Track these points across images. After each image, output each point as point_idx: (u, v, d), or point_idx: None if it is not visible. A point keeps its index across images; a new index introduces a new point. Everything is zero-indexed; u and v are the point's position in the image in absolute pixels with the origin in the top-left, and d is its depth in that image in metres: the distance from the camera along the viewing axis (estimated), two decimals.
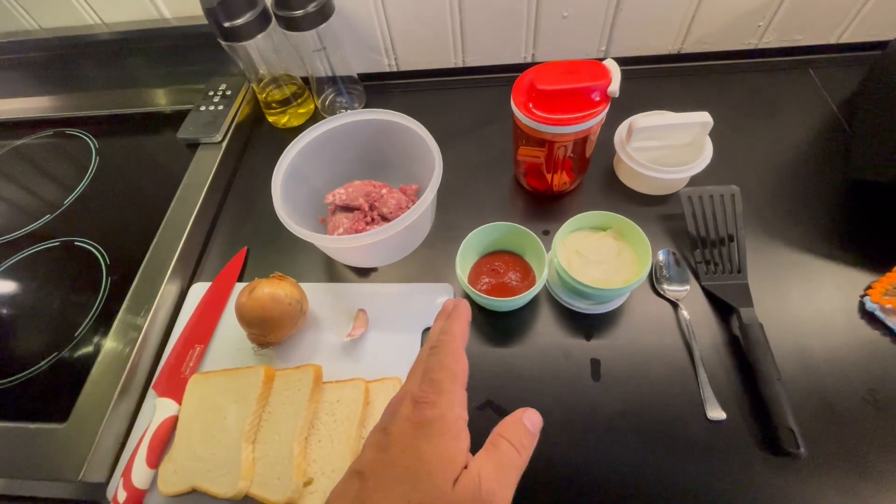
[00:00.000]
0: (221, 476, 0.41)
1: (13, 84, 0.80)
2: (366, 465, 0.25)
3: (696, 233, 0.50)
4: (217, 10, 0.54)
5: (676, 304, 0.48)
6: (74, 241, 0.60)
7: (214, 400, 0.45)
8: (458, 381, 0.27)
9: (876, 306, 0.45)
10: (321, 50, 0.63)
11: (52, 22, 0.74)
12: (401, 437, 0.25)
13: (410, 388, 0.27)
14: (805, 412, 0.41)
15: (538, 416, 0.28)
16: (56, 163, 0.71)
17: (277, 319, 0.46)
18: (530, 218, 0.57)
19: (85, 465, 0.43)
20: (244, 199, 0.64)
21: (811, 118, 0.61)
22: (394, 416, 0.26)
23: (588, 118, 0.45)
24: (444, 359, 0.28)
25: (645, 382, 0.44)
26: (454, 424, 0.25)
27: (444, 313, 0.33)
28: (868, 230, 0.51)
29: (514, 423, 0.27)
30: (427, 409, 0.25)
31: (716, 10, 0.62)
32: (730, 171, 0.56)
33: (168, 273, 0.53)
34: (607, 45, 0.67)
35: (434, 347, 0.29)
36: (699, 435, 0.41)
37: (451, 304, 0.33)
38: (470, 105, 0.69)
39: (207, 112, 0.67)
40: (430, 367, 0.27)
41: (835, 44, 0.65)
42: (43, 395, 0.48)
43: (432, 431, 0.25)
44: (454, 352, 0.28)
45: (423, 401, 0.26)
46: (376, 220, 0.53)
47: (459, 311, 0.31)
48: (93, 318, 0.53)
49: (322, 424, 0.43)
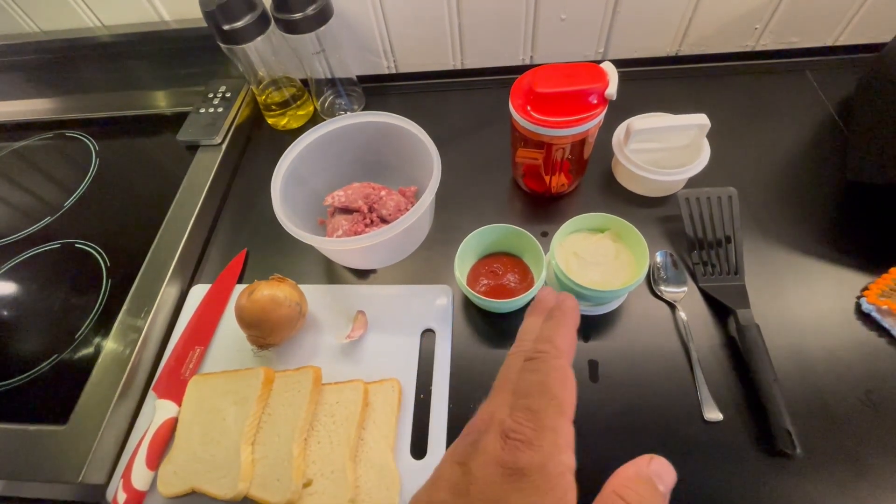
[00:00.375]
0: (221, 477, 0.41)
1: (13, 86, 0.80)
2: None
3: (693, 234, 0.50)
4: (216, 13, 0.55)
5: (674, 305, 0.48)
6: (75, 243, 0.60)
7: (214, 401, 0.45)
8: (566, 414, 0.21)
9: (872, 307, 0.45)
10: (320, 52, 0.63)
11: (51, 24, 0.74)
12: (487, 485, 0.19)
13: (497, 413, 0.21)
14: (801, 413, 0.41)
15: (670, 469, 0.20)
16: (56, 165, 0.71)
17: (277, 321, 0.46)
18: (529, 220, 0.57)
19: (85, 467, 0.43)
20: (244, 201, 0.64)
21: (808, 120, 0.61)
22: (476, 449, 0.20)
23: (586, 121, 0.46)
24: (547, 379, 0.21)
25: (642, 383, 0.45)
26: (559, 480, 0.19)
27: (540, 308, 0.26)
28: (865, 232, 0.51)
29: (637, 478, 0.20)
30: (523, 451, 0.19)
31: (713, 13, 0.62)
32: (727, 172, 0.57)
33: (168, 275, 0.54)
34: (605, 47, 0.67)
35: (532, 360, 0.22)
36: (696, 436, 0.42)
37: (550, 298, 0.26)
38: (468, 107, 0.69)
39: (207, 114, 0.67)
40: (526, 389, 0.21)
41: (832, 46, 0.66)
42: (43, 397, 0.49)
43: (529, 487, 0.18)
44: (559, 371, 0.22)
45: (518, 438, 0.20)
46: (375, 222, 0.53)
47: (565, 311, 0.24)
48: (93, 320, 0.53)
49: (321, 426, 0.43)
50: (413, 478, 0.41)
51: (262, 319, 0.45)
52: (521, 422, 0.20)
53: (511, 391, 0.22)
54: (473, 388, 0.46)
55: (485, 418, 0.22)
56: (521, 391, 0.21)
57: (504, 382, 0.23)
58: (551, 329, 0.24)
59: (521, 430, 0.20)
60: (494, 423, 0.21)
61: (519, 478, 0.19)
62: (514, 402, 0.21)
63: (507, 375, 0.23)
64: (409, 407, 0.45)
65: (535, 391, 0.21)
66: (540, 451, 0.19)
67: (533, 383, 0.21)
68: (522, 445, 0.19)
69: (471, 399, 0.45)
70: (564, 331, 0.23)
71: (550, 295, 0.26)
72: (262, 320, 0.45)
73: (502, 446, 0.20)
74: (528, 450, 0.19)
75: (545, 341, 0.23)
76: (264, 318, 0.45)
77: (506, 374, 0.23)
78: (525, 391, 0.21)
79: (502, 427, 0.20)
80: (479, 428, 0.21)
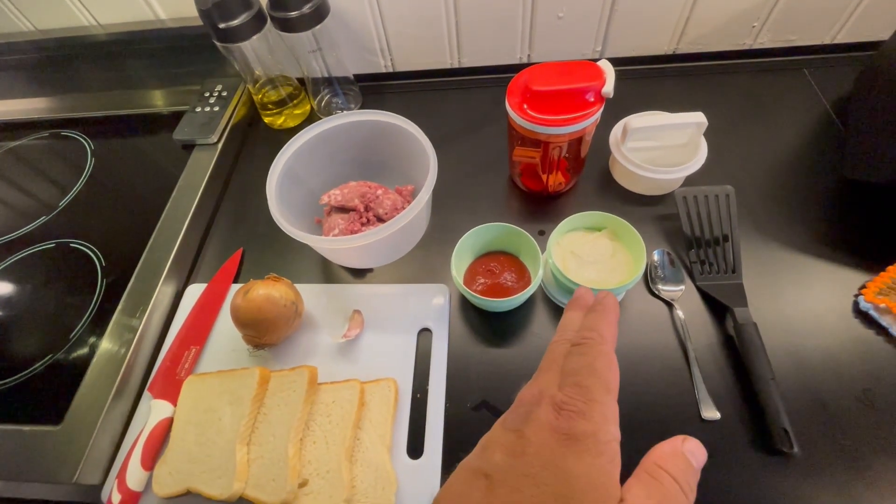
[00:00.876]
0: (216, 478, 0.41)
1: (8, 85, 0.80)
2: (495, 469, 0.21)
3: (690, 233, 0.50)
4: (212, 12, 0.54)
5: (671, 304, 0.48)
6: (70, 242, 0.60)
7: (209, 401, 0.45)
8: (612, 393, 0.22)
9: (870, 306, 0.45)
10: (317, 51, 0.63)
11: (47, 23, 0.74)
12: (542, 447, 0.20)
13: (547, 389, 0.23)
14: (799, 412, 0.41)
15: (702, 448, 0.22)
16: (51, 164, 0.71)
17: (272, 321, 0.46)
18: (526, 218, 0.57)
19: (80, 468, 0.43)
20: (240, 201, 0.64)
21: (805, 118, 0.61)
22: (529, 419, 0.22)
23: (582, 119, 0.45)
24: (595, 362, 0.23)
25: (640, 382, 0.44)
26: (609, 447, 0.21)
27: (581, 304, 0.28)
28: (862, 230, 0.51)
29: (674, 453, 0.22)
30: (576, 419, 0.21)
31: (711, 11, 0.62)
32: (724, 171, 0.57)
33: (164, 274, 0.53)
34: (603, 45, 0.67)
35: (579, 346, 0.24)
36: (694, 434, 0.40)
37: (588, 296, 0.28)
38: (466, 106, 0.69)
39: (203, 113, 0.67)
40: (575, 369, 0.23)
41: (829, 44, 0.66)
42: (38, 397, 0.48)
43: (584, 449, 0.20)
44: (605, 355, 0.24)
45: (570, 409, 0.21)
46: (372, 221, 0.53)
47: (607, 306, 0.26)
48: (88, 320, 0.53)
49: (317, 426, 0.43)
50: (409, 477, 0.41)
51: (258, 319, 0.45)
52: (573, 395, 0.22)
53: (558, 371, 0.24)
54: (470, 388, 0.46)
55: (534, 393, 0.23)
56: (570, 371, 0.23)
57: (551, 364, 0.25)
58: (595, 319, 0.26)
59: (574, 402, 0.21)
60: (545, 397, 0.22)
61: (573, 442, 0.20)
62: (562, 380, 0.23)
63: (554, 358, 0.25)
64: (405, 406, 0.45)
65: (584, 371, 0.23)
66: (591, 420, 0.21)
67: (581, 364, 0.23)
68: (575, 415, 0.21)
69: (467, 398, 0.45)
70: (608, 321, 0.26)
71: (588, 293, 0.29)
72: (257, 320, 0.45)
73: (556, 416, 0.21)
74: (581, 419, 0.21)
75: (590, 329, 0.25)
76: (260, 317, 0.45)
77: (551, 358, 0.25)
78: (574, 371, 0.23)
79: (554, 400, 0.22)
80: (530, 401, 0.23)
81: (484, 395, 0.45)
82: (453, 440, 0.43)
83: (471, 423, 0.44)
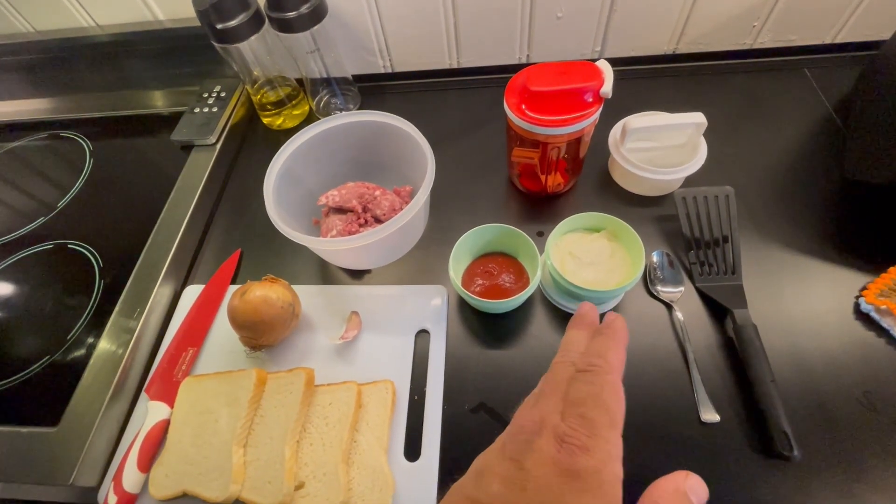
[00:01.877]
0: (213, 480, 0.40)
1: (7, 86, 0.80)
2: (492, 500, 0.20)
3: (690, 234, 0.50)
4: (210, 12, 0.54)
5: (670, 305, 0.48)
6: (68, 243, 0.60)
7: (206, 403, 0.44)
8: (617, 428, 0.22)
9: (871, 307, 0.45)
10: (315, 51, 0.63)
11: (45, 24, 0.74)
12: (543, 482, 0.20)
13: (549, 417, 0.22)
14: (799, 414, 0.41)
15: (703, 485, 0.21)
16: (50, 165, 0.71)
17: (269, 322, 0.45)
18: (524, 219, 0.56)
19: (76, 469, 0.43)
20: (238, 202, 0.63)
21: (806, 118, 0.60)
22: (530, 448, 0.21)
23: (581, 119, 0.45)
24: (601, 392, 0.22)
25: (639, 384, 0.44)
26: (610, 487, 0.20)
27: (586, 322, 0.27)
28: (863, 231, 0.50)
29: (676, 492, 0.21)
30: (579, 455, 0.20)
31: (711, 11, 0.61)
32: (724, 171, 0.56)
33: (161, 275, 0.53)
34: (602, 45, 0.67)
35: (585, 373, 0.23)
36: (693, 437, 0.41)
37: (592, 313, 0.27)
38: (464, 106, 0.69)
39: (201, 114, 0.67)
40: (580, 399, 0.22)
41: (830, 44, 0.65)
42: (34, 399, 0.48)
43: (584, 488, 0.20)
44: (612, 385, 0.23)
45: (573, 442, 0.20)
46: (369, 221, 0.53)
47: (616, 330, 0.25)
48: (85, 321, 0.53)
49: (314, 428, 0.43)
50: (407, 480, 0.41)
51: (255, 320, 0.45)
52: (576, 428, 0.21)
53: (561, 398, 0.23)
54: (468, 390, 0.46)
55: (535, 420, 0.22)
56: (574, 400, 0.22)
57: (554, 388, 0.24)
58: (602, 344, 0.25)
59: (577, 435, 0.21)
60: (547, 426, 0.22)
61: (574, 479, 0.20)
62: (566, 409, 0.22)
63: (557, 382, 0.24)
64: (402, 408, 0.45)
65: (590, 402, 0.22)
66: (595, 457, 0.20)
67: (587, 394, 0.22)
68: (578, 450, 0.20)
69: (465, 400, 0.45)
70: (616, 348, 0.25)
71: (593, 310, 0.28)
72: (254, 321, 0.45)
73: (558, 448, 0.21)
74: (584, 454, 0.20)
75: (597, 356, 0.24)
76: (257, 318, 0.45)
77: (554, 380, 0.24)
78: (579, 400, 0.22)
79: (556, 431, 0.21)
80: (531, 429, 0.22)
81: (482, 397, 0.45)
82: (451, 442, 0.43)
83: (469, 425, 0.44)
